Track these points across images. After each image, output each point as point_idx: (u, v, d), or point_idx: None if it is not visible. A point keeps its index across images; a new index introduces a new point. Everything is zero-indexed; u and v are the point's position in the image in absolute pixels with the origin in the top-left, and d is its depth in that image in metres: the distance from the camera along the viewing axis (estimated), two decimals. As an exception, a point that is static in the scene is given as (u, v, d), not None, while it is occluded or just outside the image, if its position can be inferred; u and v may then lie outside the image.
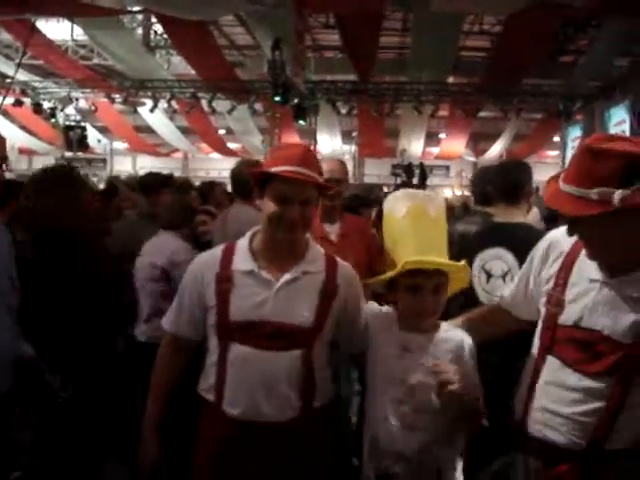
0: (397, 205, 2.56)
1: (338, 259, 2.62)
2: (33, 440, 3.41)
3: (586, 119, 17.63)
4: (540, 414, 2.26)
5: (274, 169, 2.41)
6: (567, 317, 2.24)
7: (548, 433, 2.23)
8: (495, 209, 3.66)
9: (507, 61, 14.50)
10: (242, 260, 2.51)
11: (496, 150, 24.18)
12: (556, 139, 22.72)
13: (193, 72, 17.60)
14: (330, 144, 23.70)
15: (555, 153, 24.36)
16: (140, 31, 17.61)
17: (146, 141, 26.05)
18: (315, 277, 2.50)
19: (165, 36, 16.82)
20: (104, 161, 31.35)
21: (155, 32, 18.12)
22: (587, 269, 2.23)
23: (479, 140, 26.54)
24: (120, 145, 28.50)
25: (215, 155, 28.08)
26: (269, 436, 2.43)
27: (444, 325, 2.50)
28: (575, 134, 18.72)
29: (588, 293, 2.20)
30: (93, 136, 24.29)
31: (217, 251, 2.62)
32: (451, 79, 18.25)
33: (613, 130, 15.43)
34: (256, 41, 16.09)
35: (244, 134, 22.96)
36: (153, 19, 16.65)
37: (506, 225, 3.45)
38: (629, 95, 14.59)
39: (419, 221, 2.48)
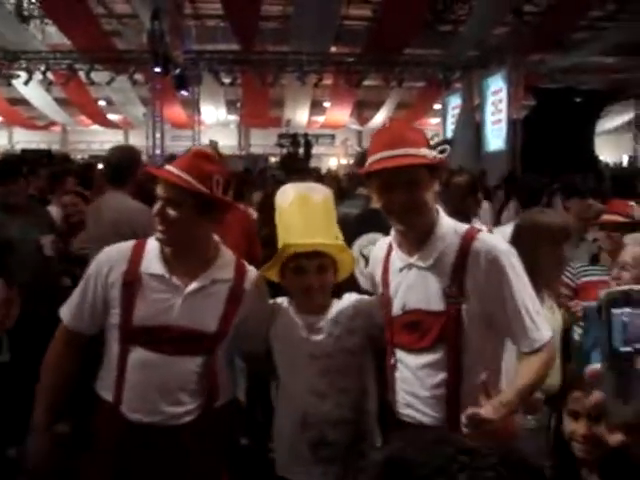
0: (284, 195, 2.63)
1: (247, 265, 2.62)
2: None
3: (465, 88, 18.05)
4: (403, 399, 2.41)
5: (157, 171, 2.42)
6: (395, 308, 2.42)
7: (415, 415, 2.37)
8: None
9: (388, 30, 14.64)
10: (152, 263, 2.45)
11: (380, 118, 24.47)
12: (437, 107, 23.22)
13: (69, 42, 16.96)
14: (214, 114, 23.42)
15: (437, 121, 24.86)
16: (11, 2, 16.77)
17: (22, 114, 25.01)
18: (223, 285, 2.49)
19: (39, 4, 16.11)
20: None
21: (29, 0, 17.32)
22: (395, 262, 2.47)
23: (363, 108, 26.78)
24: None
25: (96, 127, 27.27)
26: (167, 438, 2.39)
27: (337, 301, 2.63)
28: (455, 102, 19.17)
29: (402, 281, 2.42)
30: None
31: (126, 248, 2.53)
32: (334, 49, 18.27)
33: (491, 98, 15.89)
34: (135, 9, 15.66)
35: (125, 105, 22.40)
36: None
37: None
38: (505, 64, 14.99)
39: (303, 207, 2.56)
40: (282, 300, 2.67)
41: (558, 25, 14.02)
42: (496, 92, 15.57)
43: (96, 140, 27.14)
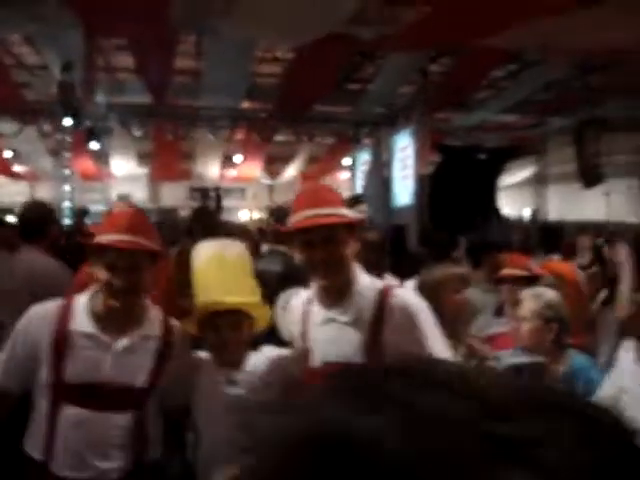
0: (199, 254, 2.74)
1: (171, 319, 2.71)
2: None
3: (374, 144, 18.47)
4: None
5: (105, 238, 2.46)
6: (316, 361, 2.57)
7: None
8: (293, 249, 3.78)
9: (298, 88, 14.93)
10: (81, 321, 2.49)
11: (291, 172, 24.74)
12: (347, 162, 23.62)
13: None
14: (125, 167, 23.22)
15: (347, 176, 25.28)
16: None
17: None
18: (151, 340, 2.58)
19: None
20: None
21: None
22: (314, 316, 2.61)
23: (274, 163, 26.99)
24: None
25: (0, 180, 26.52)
26: None
27: (254, 354, 2.76)
28: (364, 158, 19.56)
29: (321, 334, 2.57)
30: None
31: (52, 307, 2.56)
32: (246, 104, 18.47)
33: (399, 155, 16.32)
34: (44, 60, 15.49)
35: (32, 156, 21.96)
36: None
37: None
38: (412, 122, 15.46)
39: (218, 265, 2.66)
40: (203, 353, 2.75)
41: (462, 85, 14.59)
42: (403, 149, 15.98)
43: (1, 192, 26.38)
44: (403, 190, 15.82)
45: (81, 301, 2.56)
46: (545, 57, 12.95)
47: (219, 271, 2.63)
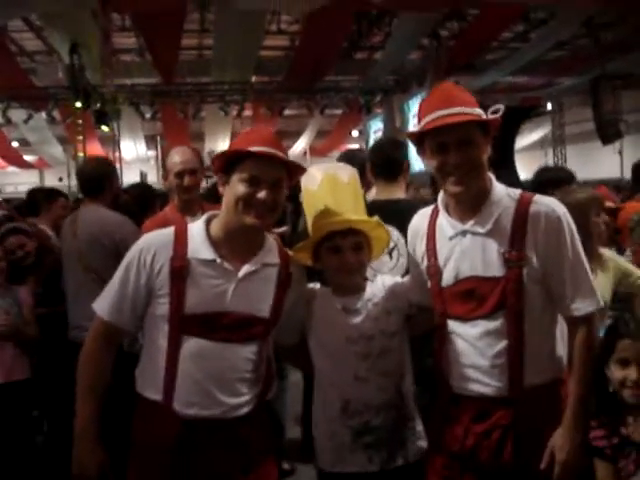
0: (311, 178, 2.60)
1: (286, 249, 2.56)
2: None
3: (386, 112, 18.31)
4: (459, 372, 2.36)
5: (250, 148, 2.27)
6: (446, 277, 2.37)
7: (474, 387, 2.32)
8: (374, 187, 3.68)
9: (308, 60, 14.79)
10: (200, 247, 2.32)
11: (300, 147, 24.61)
12: (354, 133, 23.51)
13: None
14: (134, 150, 23.12)
15: (355, 147, 25.13)
16: None
17: None
18: (272, 268, 2.41)
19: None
20: None
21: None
22: (443, 231, 2.41)
23: (283, 137, 26.83)
24: None
25: (9, 169, 26.53)
26: (226, 432, 2.30)
27: (370, 283, 2.63)
28: (377, 126, 19.39)
29: (453, 249, 2.36)
30: None
31: (166, 235, 2.39)
32: (254, 78, 18.32)
33: (412, 121, 16.14)
34: (47, 46, 15.36)
35: (41, 144, 21.87)
36: None
37: (388, 202, 3.45)
38: (424, 87, 15.28)
39: (333, 187, 2.54)
40: (314, 285, 2.63)
41: (472, 47, 14.42)
42: (416, 114, 15.80)
43: (10, 182, 26.36)
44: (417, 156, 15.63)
45: (196, 227, 2.38)
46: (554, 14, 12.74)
47: (334, 193, 2.52)
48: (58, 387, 3.96)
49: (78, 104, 13.71)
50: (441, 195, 2.46)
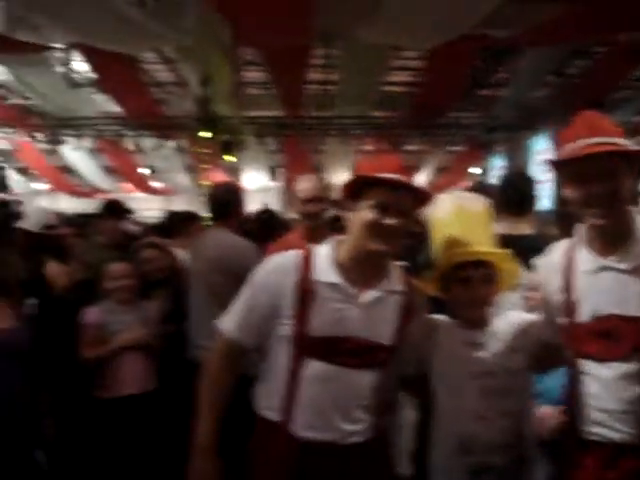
0: (442, 206, 2.60)
1: (411, 277, 2.54)
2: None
3: (510, 149, 18.04)
4: (589, 416, 2.25)
5: (379, 175, 2.29)
6: (583, 314, 2.26)
7: (604, 432, 2.21)
8: (501, 221, 3.59)
9: (431, 96, 14.79)
10: (325, 271, 2.35)
11: (420, 182, 24.52)
12: (473, 170, 23.22)
13: (115, 109, 17.27)
14: (256, 179, 23.61)
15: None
16: (61, 69, 17.12)
17: (69, 181, 25.34)
18: (396, 296, 2.41)
19: (87, 74, 16.44)
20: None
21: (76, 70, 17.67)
22: (581, 265, 2.30)
23: (402, 173, 26.81)
24: (41, 186, 27.53)
25: (137, 194, 27.52)
26: (339, 458, 2.30)
27: (496, 318, 2.56)
28: (499, 164, 19.12)
29: (592, 284, 2.25)
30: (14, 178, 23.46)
31: (292, 257, 2.43)
32: (376, 113, 18.46)
33: (536, 159, 15.86)
34: (178, 78, 15.96)
35: (168, 172, 22.64)
36: (76, 56, 16.28)
37: (517, 237, 3.38)
38: (549, 125, 15.01)
39: (463, 217, 2.52)
40: (438, 316, 2.62)
41: (598, 85, 14.06)
42: (541, 152, 15.55)
43: (137, 207, 27.31)
44: (542, 194, 15.32)
45: (321, 251, 2.41)
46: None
47: (464, 222, 2.49)
48: (172, 404, 4.07)
49: (207, 134, 14.14)
50: (580, 228, 2.38)
